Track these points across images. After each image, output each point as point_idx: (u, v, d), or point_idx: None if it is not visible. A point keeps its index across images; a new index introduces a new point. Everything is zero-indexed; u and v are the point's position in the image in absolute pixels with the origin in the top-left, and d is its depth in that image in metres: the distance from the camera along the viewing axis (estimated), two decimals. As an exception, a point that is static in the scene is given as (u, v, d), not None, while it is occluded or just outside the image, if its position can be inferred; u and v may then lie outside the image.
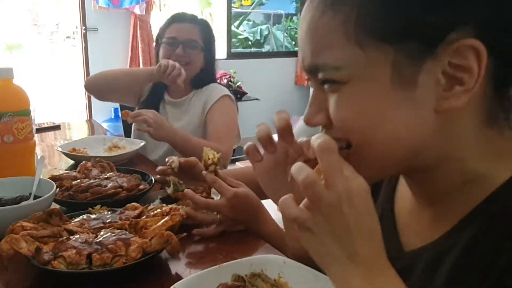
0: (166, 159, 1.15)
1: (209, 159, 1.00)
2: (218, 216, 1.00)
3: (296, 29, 5.75)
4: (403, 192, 0.64)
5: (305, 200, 0.48)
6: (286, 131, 0.62)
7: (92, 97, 2.02)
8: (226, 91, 1.82)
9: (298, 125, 1.39)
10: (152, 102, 1.84)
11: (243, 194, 0.98)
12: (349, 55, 0.49)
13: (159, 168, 1.17)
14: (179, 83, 1.64)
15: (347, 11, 0.48)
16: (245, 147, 0.68)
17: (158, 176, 1.17)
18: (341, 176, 0.46)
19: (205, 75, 1.84)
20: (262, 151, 0.67)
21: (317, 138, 0.47)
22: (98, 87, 1.87)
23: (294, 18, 5.88)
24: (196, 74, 1.81)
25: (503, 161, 0.52)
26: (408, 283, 0.53)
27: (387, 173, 0.60)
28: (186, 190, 1.01)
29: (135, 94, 1.91)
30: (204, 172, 1.01)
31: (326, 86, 0.52)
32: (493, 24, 0.47)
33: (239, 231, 1.01)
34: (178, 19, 1.83)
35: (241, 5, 5.86)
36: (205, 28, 1.84)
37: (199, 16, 1.91)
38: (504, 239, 0.47)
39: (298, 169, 0.47)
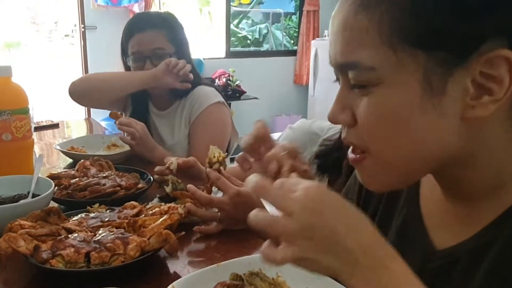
0: (165, 160, 1.15)
1: (214, 157, 1.01)
2: (219, 213, 1.00)
3: (295, 28, 5.75)
4: (428, 194, 0.64)
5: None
6: (263, 139, 0.64)
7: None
8: (214, 98, 1.66)
9: (285, 133, 1.40)
10: (141, 113, 1.73)
11: (245, 193, 0.98)
12: (382, 57, 0.49)
13: (157, 168, 1.17)
14: (190, 78, 1.58)
15: (381, 13, 0.48)
16: (236, 157, 0.69)
17: (156, 176, 1.17)
18: (291, 199, 0.46)
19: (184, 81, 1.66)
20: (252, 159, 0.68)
21: (249, 184, 0.48)
22: (86, 92, 1.71)
23: (293, 17, 5.88)
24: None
25: None
26: (446, 280, 0.55)
27: (409, 180, 0.59)
28: (189, 185, 1.01)
29: (123, 101, 1.79)
30: (208, 169, 1.02)
31: (356, 89, 0.52)
32: None
33: (238, 230, 1.01)
34: (137, 28, 1.64)
35: (240, 3, 5.86)
36: (171, 28, 1.66)
37: (168, 12, 1.73)
38: None
39: (255, 216, 0.48)
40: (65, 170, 1.32)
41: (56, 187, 1.12)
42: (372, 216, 0.71)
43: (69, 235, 0.84)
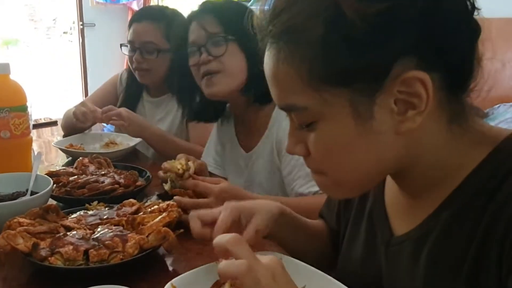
0: (180, 158, 1.12)
1: (178, 170, 1.01)
2: None
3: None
4: (390, 185, 0.70)
5: None
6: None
7: (89, 92, 2.01)
8: None
9: (212, 132, 1.44)
10: (131, 103, 1.76)
11: (228, 186, 1.01)
12: (310, 99, 0.55)
13: (166, 166, 1.15)
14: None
15: (298, 63, 0.54)
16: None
17: (162, 174, 1.16)
18: (258, 260, 0.53)
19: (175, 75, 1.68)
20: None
21: (223, 237, 0.55)
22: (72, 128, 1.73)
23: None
24: (169, 76, 1.67)
25: (478, 148, 0.57)
26: (398, 264, 0.63)
27: (366, 188, 0.68)
28: (174, 197, 1.00)
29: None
30: (180, 182, 1.02)
31: (304, 127, 0.59)
32: (428, 48, 0.52)
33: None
34: (136, 18, 1.69)
35: (239, 0, 5.85)
36: (170, 24, 1.65)
37: (170, 8, 1.75)
38: (483, 208, 0.53)
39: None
40: (64, 167, 1.32)
41: (55, 185, 1.12)
42: (353, 202, 0.79)
43: (68, 233, 0.84)
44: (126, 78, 1.87)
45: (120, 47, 1.75)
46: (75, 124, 1.62)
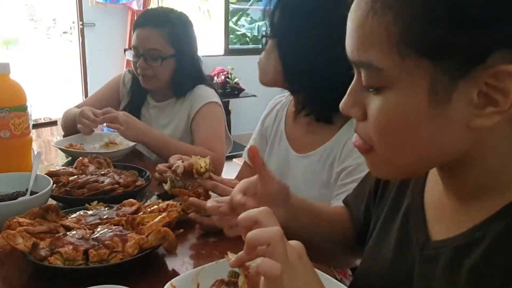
0: (171, 161, 1.14)
1: (201, 167, 1.01)
2: None
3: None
4: (432, 185, 0.65)
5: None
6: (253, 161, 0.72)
7: (89, 92, 2.00)
8: (211, 97, 1.69)
9: (256, 129, 1.42)
10: (135, 108, 1.75)
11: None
12: (390, 61, 0.50)
13: (159, 167, 1.16)
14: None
15: (390, 20, 0.49)
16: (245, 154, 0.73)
17: (158, 175, 1.17)
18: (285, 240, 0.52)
19: (180, 80, 1.68)
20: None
21: (254, 210, 0.55)
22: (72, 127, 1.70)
23: (292, 14, 5.86)
24: (174, 81, 1.68)
25: None
26: (434, 271, 0.57)
27: (415, 174, 0.63)
28: (191, 199, 1.00)
29: (114, 106, 1.73)
30: (199, 180, 1.02)
31: (370, 90, 0.54)
32: None
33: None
34: (140, 22, 1.65)
35: (239, 1, 5.85)
36: (174, 28, 1.63)
37: (175, 11, 1.72)
38: None
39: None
40: (64, 167, 1.32)
41: (55, 185, 1.12)
42: (387, 199, 0.74)
43: (68, 233, 0.84)
44: (129, 79, 1.85)
45: (124, 52, 1.72)
46: (79, 130, 1.60)
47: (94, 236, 0.83)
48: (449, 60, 0.47)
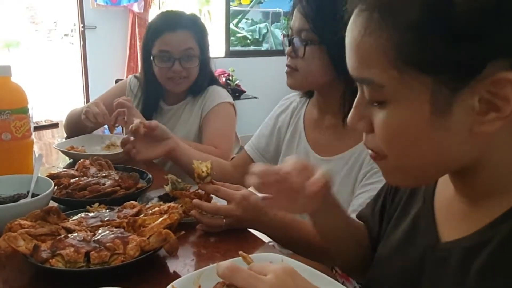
0: (130, 126, 1.21)
1: (202, 172, 1.01)
2: (224, 220, 1.00)
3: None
4: (443, 189, 0.67)
5: None
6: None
7: (90, 95, 2.00)
8: (225, 98, 1.72)
9: (267, 124, 1.40)
10: (148, 114, 1.73)
11: (249, 194, 1.00)
12: (390, 77, 0.52)
13: (123, 138, 1.26)
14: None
15: (386, 38, 0.51)
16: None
17: (123, 146, 1.26)
18: (262, 282, 0.50)
19: (201, 80, 1.73)
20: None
21: (219, 268, 0.53)
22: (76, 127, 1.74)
23: (293, 16, 5.88)
24: (196, 81, 1.72)
25: None
26: (443, 272, 0.59)
27: (423, 182, 0.65)
28: (194, 200, 1.01)
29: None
30: (200, 185, 1.02)
31: (374, 104, 0.55)
32: None
33: (238, 229, 1.01)
34: (170, 27, 1.65)
35: (240, 3, 5.86)
36: (199, 29, 1.70)
37: (194, 13, 1.77)
38: None
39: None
40: (65, 169, 1.32)
41: (56, 187, 1.12)
42: (399, 201, 0.76)
43: (69, 235, 0.84)
44: (135, 85, 1.84)
45: (153, 59, 1.67)
46: (83, 121, 1.60)
47: (95, 238, 0.83)
48: (446, 74, 0.49)
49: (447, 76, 0.49)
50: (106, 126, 1.82)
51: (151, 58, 1.67)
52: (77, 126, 1.71)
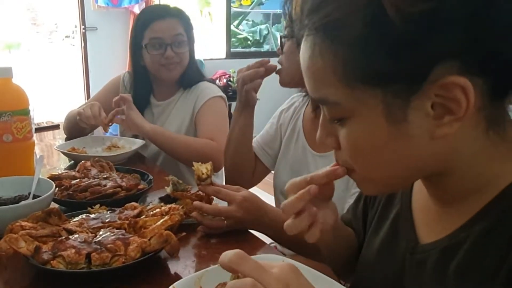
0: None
1: (202, 173, 1.01)
2: (225, 221, 1.00)
3: (295, 28, 5.74)
4: (419, 190, 0.68)
5: None
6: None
7: (91, 96, 2.00)
8: (217, 92, 1.76)
9: (263, 131, 1.44)
10: (137, 107, 1.72)
11: (250, 195, 1.01)
12: (342, 94, 0.53)
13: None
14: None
15: (332, 58, 0.52)
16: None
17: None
18: (268, 274, 0.50)
19: (192, 72, 1.78)
20: None
21: (225, 256, 0.52)
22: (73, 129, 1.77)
23: (294, 17, 5.88)
24: (183, 73, 1.75)
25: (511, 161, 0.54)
26: (424, 274, 0.60)
27: (397, 188, 0.66)
28: (195, 202, 1.02)
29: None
30: (200, 186, 1.02)
31: (335, 121, 0.57)
32: (473, 53, 0.48)
33: (238, 231, 1.01)
34: (159, 15, 1.71)
35: (241, 4, 5.87)
36: (186, 19, 1.76)
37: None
38: None
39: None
40: (66, 171, 1.33)
41: (57, 188, 1.12)
42: (378, 205, 0.76)
43: (70, 236, 0.84)
44: (128, 81, 1.87)
45: (145, 47, 1.71)
46: (78, 123, 1.63)
47: (97, 240, 0.83)
48: (394, 84, 0.50)
49: (396, 87, 0.50)
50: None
51: (142, 48, 1.71)
52: (75, 127, 1.72)
